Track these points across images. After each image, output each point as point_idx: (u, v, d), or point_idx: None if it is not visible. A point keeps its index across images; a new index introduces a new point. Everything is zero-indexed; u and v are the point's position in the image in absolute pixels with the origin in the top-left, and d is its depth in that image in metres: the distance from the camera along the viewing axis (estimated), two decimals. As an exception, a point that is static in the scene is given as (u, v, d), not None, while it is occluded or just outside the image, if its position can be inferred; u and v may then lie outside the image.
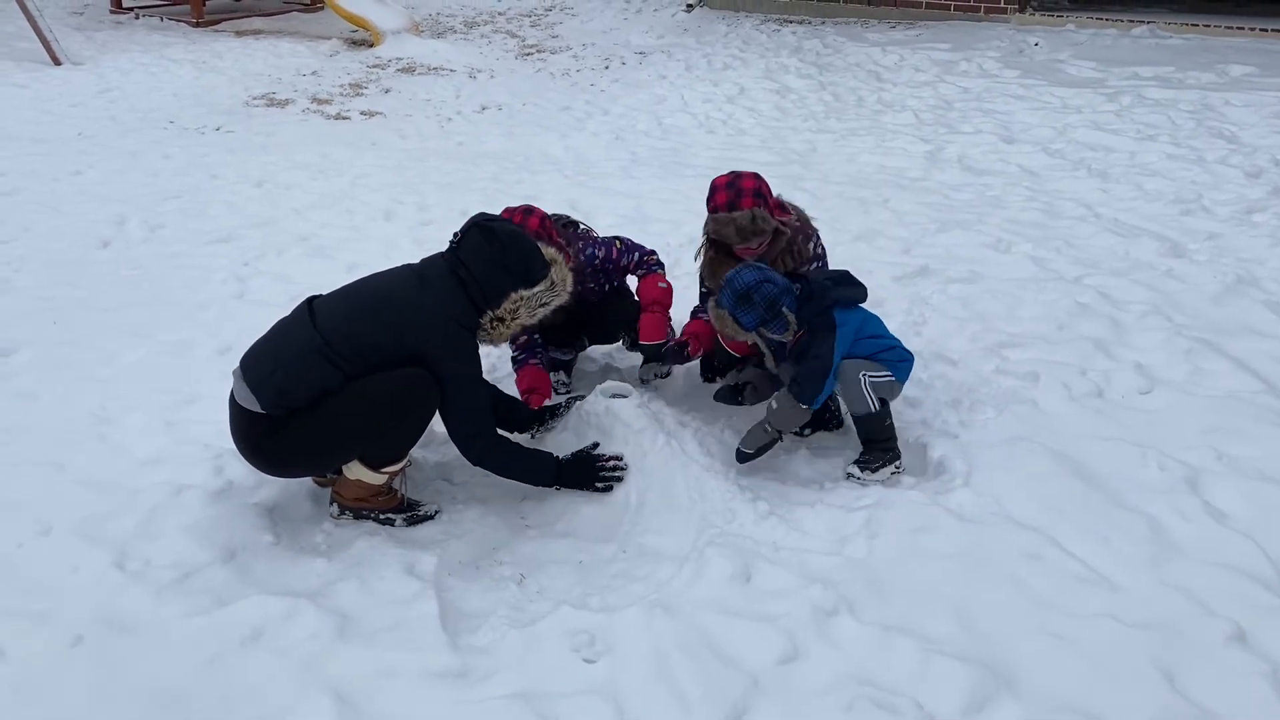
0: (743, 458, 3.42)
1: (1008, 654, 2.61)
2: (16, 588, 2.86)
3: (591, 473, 3.29)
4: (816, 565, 2.97)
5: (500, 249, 3.06)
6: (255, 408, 2.95)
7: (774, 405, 3.37)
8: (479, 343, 3.15)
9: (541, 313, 3.17)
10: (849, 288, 3.43)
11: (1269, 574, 2.87)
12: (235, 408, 3.02)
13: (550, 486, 3.28)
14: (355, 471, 3.10)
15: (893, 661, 2.60)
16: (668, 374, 4.01)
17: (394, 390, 2.96)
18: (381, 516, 3.19)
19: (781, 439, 3.47)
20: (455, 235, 3.14)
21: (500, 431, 3.31)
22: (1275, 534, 3.04)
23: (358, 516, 3.19)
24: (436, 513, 3.27)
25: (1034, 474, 3.35)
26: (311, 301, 3.11)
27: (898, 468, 3.42)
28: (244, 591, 2.84)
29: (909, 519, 3.13)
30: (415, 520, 3.23)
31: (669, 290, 3.89)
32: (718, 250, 3.65)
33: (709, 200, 3.52)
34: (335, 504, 3.21)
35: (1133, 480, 3.32)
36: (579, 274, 3.62)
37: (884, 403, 3.40)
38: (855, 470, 3.41)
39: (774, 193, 3.59)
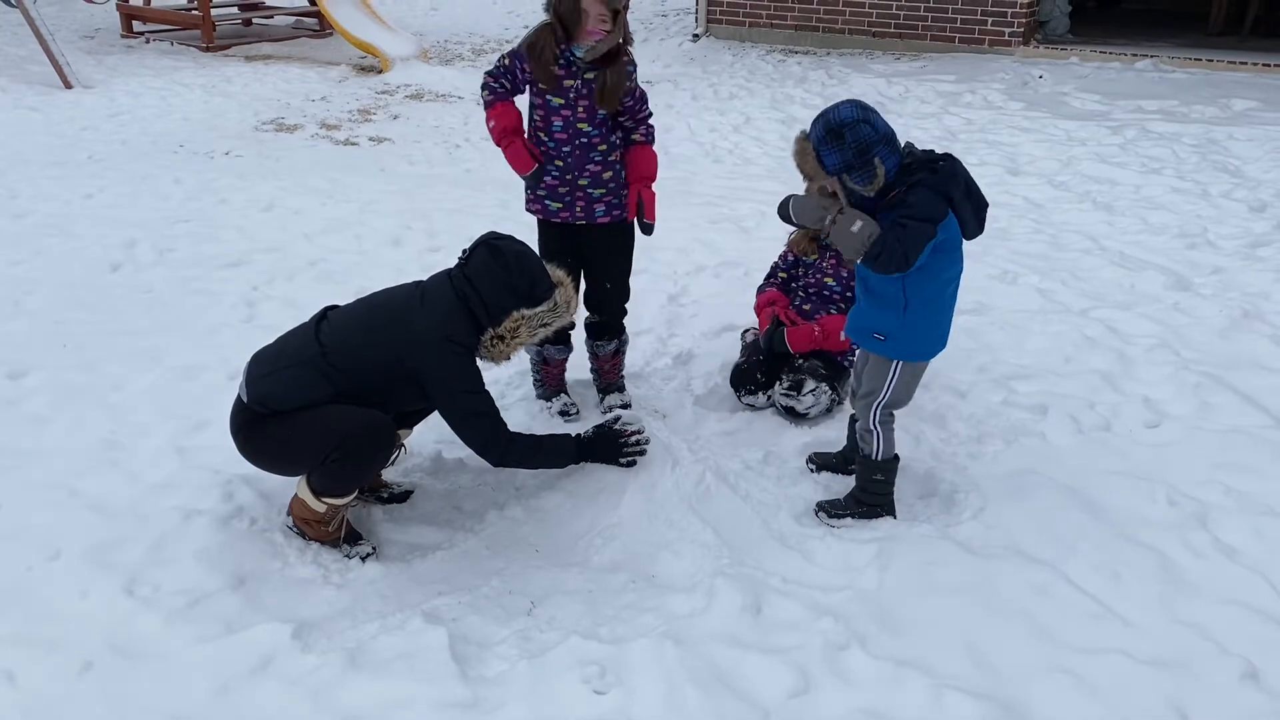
0: (782, 212, 3.15)
1: (1020, 690, 2.61)
2: (25, 613, 2.86)
3: (615, 448, 3.42)
4: (827, 597, 2.96)
5: (505, 267, 3.09)
6: (243, 396, 3.09)
7: (856, 225, 2.89)
8: (479, 360, 3.17)
9: (543, 333, 3.19)
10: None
11: (1281, 611, 2.87)
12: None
13: (575, 464, 3.41)
14: (301, 491, 3.12)
15: (904, 697, 2.59)
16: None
17: (346, 428, 2.97)
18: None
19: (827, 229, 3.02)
20: (464, 252, 3.18)
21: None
22: (1287, 571, 3.03)
23: (300, 535, 3.19)
24: (368, 556, 3.18)
25: (1043, 507, 3.35)
26: (327, 311, 3.20)
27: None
28: (254, 619, 2.84)
29: (919, 552, 3.13)
30: (347, 556, 3.17)
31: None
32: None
33: None
34: (290, 515, 3.21)
35: (1142, 515, 3.32)
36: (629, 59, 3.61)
37: (889, 463, 3.30)
38: (819, 509, 3.38)
39: None
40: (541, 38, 3.56)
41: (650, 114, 3.85)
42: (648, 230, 3.91)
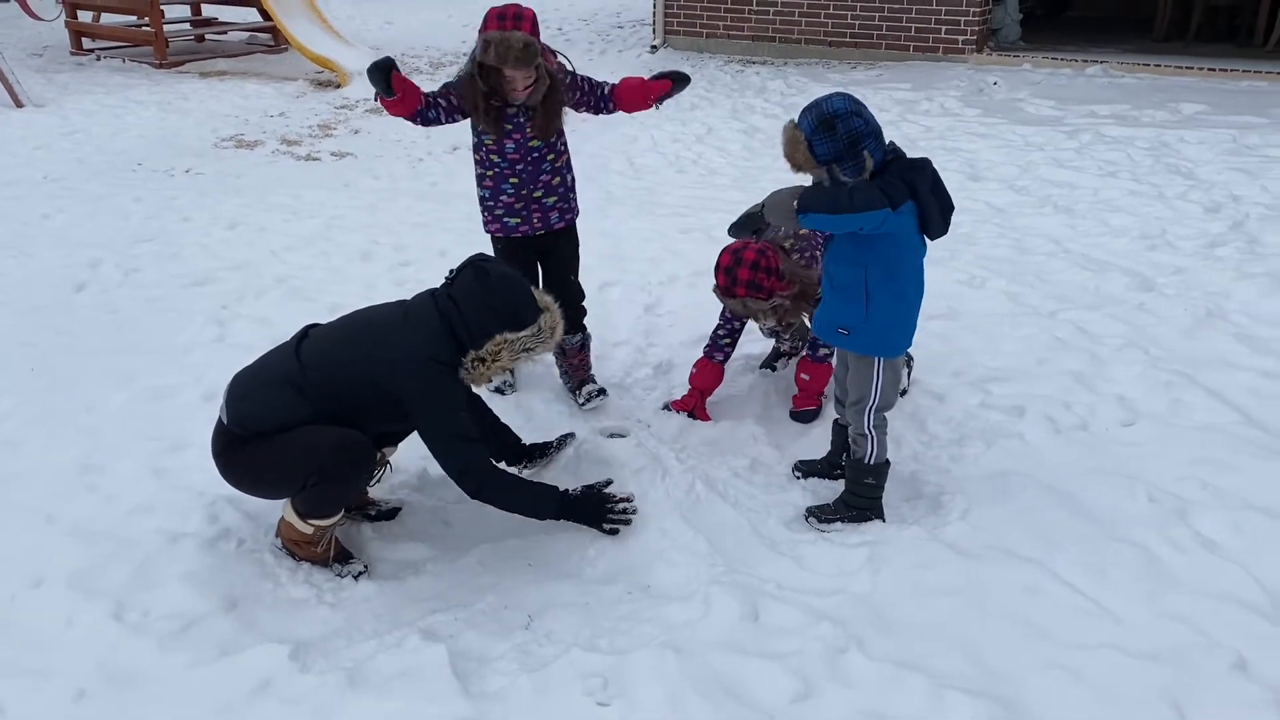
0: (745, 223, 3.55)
1: (1017, 688, 2.64)
2: (11, 643, 2.81)
3: (600, 511, 3.26)
4: (822, 602, 2.98)
5: (490, 290, 3.07)
6: (223, 418, 3.04)
7: (785, 193, 3.08)
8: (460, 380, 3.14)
9: (525, 358, 3.16)
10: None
11: (1264, 603, 2.93)
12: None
13: (554, 519, 3.22)
14: (287, 513, 3.10)
15: (904, 698, 2.62)
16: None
17: (322, 450, 2.95)
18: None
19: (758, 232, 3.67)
20: (451, 272, 3.16)
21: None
22: (1267, 563, 3.10)
23: (290, 555, 3.17)
24: (360, 574, 3.15)
25: (1028, 507, 3.40)
26: (309, 329, 3.17)
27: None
28: (249, 641, 2.80)
29: (910, 554, 3.16)
30: (339, 575, 3.16)
31: None
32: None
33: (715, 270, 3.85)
34: (279, 536, 3.19)
35: (1124, 512, 3.38)
36: (563, 83, 3.86)
37: (881, 467, 3.35)
38: (809, 515, 3.41)
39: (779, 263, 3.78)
40: (473, 94, 3.73)
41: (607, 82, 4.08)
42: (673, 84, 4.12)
